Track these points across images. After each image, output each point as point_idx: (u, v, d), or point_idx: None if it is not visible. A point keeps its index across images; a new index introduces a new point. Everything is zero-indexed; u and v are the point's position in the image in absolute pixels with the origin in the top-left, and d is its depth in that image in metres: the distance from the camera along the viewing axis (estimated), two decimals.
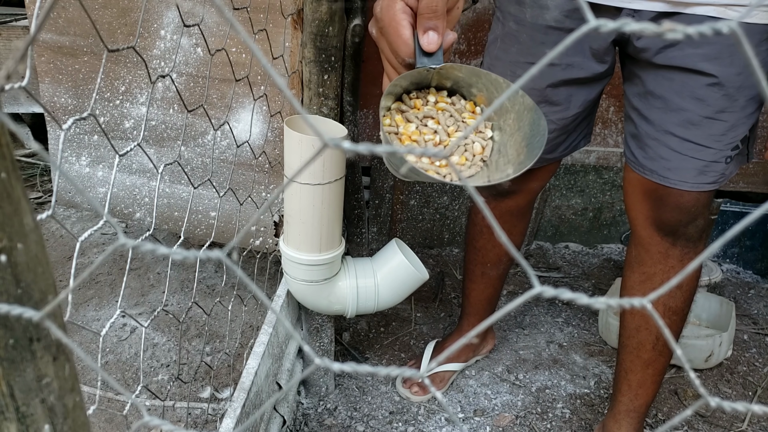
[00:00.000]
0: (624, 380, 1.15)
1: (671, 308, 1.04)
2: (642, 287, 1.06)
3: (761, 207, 0.23)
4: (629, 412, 1.15)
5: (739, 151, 0.94)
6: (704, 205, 0.97)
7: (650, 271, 1.04)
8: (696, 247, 1.00)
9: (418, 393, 1.37)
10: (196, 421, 1.25)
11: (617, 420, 1.17)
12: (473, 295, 1.40)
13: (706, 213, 0.98)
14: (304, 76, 1.16)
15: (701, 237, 1.00)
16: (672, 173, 0.95)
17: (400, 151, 0.24)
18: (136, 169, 1.37)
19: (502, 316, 0.29)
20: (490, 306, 1.42)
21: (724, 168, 0.94)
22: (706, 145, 0.92)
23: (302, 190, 1.07)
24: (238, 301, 1.55)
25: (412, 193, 2.00)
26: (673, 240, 1.00)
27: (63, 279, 1.71)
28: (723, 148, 0.92)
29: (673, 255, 1.01)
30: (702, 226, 0.98)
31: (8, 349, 0.32)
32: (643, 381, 1.12)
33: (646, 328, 1.07)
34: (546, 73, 1.01)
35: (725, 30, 0.20)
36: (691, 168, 0.94)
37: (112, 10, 1.26)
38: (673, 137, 0.94)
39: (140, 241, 0.29)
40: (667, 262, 1.01)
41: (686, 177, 0.94)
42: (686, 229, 0.98)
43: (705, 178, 0.94)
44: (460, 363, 1.45)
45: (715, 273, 1.78)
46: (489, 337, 1.51)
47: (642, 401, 1.14)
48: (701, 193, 0.95)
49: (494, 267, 1.34)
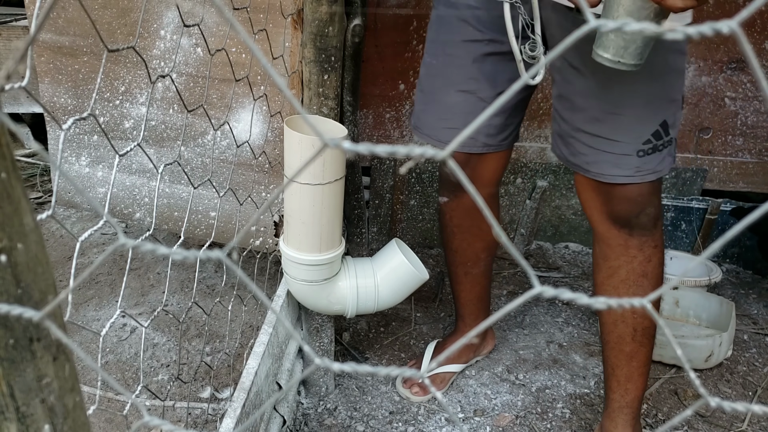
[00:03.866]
0: (612, 377, 1.17)
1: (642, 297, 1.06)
2: (610, 281, 1.08)
3: (761, 207, 0.23)
4: (622, 408, 1.17)
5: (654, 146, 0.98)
6: (650, 195, 1.01)
7: (615, 264, 1.07)
8: (653, 234, 1.04)
9: (419, 393, 1.38)
10: (196, 421, 1.25)
11: (612, 418, 1.19)
12: (462, 296, 1.41)
13: (655, 202, 1.02)
14: (304, 76, 1.16)
15: (656, 224, 1.04)
16: (591, 167, 1.01)
17: (400, 152, 0.24)
18: (136, 169, 1.37)
19: (502, 316, 0.29)
20: (482, 304, 1.43)
21: (640, 161, 0.98)
22: (613, 138, 0.97)
23: (302, 190, 1.07)
24: (238, 301, 1.55)
25: (412, 193, 2.00)
26: (629, 230, 1.03)
27: (63, 279, 1.71)
28: (631, 142, 0.97)
29: (632, 245, 1.04)
30: (653, 215, 1.03)
31: (8, 349, 0.32)
32: (630, 375, 1.14)
33: (623, 321, 1.10)
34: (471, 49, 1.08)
35: (725, 30, 0.20)
36: (604, 161, 0.99)
37: (112, 10, 1.26)
38: (584, 134, 1.00)
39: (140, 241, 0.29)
40: (628, 252, 1.05)
41: (603, 170, 0.99)
42: (638, 219, 1.02)
43: (621, 171, 0.98)
44: (460, 364, 1.45)
45: (715, 273, 1.78)
46: (489, 338, 1.51)
47: (633, 395, 1.16)
48: (642, 185, 0.99)
49: (474, 265, 1.35)
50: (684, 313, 1.69)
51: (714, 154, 2.02)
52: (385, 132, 1.94)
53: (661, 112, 0.96)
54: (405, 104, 1.90)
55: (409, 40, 1.82)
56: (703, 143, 2.01)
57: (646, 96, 0.95)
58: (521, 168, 1.99)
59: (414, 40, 1.81)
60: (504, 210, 2.04)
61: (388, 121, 1.92)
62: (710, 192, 2.06)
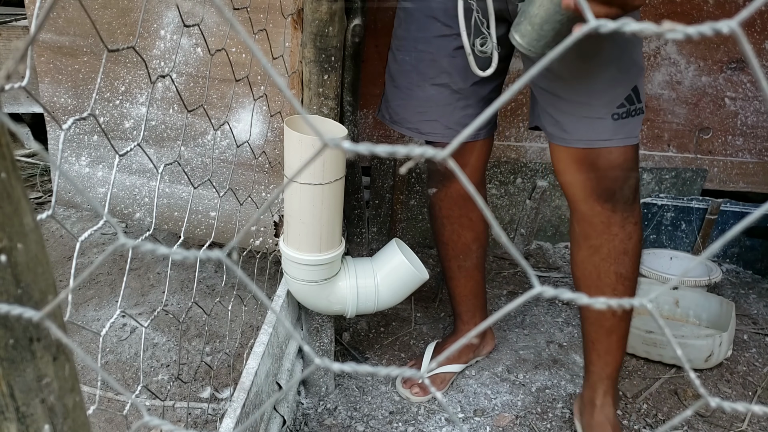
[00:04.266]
0: (592, 350, 1.21)
1: (622, 275, 1.10)
2: (591, 260, 1.11)
3: (761, 207, 0.23)
4: (602, 379, 1.21)
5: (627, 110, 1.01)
6: (632, 161, 1.04)
7: (596, 243, 1.09)
8: (632, 209, 1.07)
9: (419, 394, 1.38)
10: (196, 421, 1.25)
11: (594, 389, 1.23)
12: (457, 292, 1.43)
13: (635, 172, 1.05)
14: (304, 76, 1.16)
15: (635, 198, 1.06)
16: (570, 134, 1.03)
17: (400, 152, 0.24)
18: (136, 169, 1.37)
19: (502, 316, 0.29)
20: (478, 301, 1.44)
21: (615, 125, 1.01)
22: (589, 102, 1.01)
23: (302, 190, 1.07)
24: (238, 301, 1.55)
25: (412, 193, 2.00)
26: (613, 206, 1.05)
27: (63, 279, 1.71)
28: (606, 105, 1.00)
29: (614, 222, 1.07)
30: (634, 186, 1.06)
31: (8, 349, 0.32)
32: (609, 348, 1.18)
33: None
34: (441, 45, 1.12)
35: (725, 30, 0.20)
36: (582, 126, 1.02)
37: (112, 10, 1.26)
38: (562, 100, 1.03)
39: (140, 241, 0.29)
40: (610, 230, 1.07)
41: (582, 135, 1.02)
42: (623, 191, 1.05)
43: (598, 134, 1.01)
44: (460, 364, 1.45)
45: (715, 273, 1.78)
46: (488, 338, 1.52)
47: (612, 367, 1.20)
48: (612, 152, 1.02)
49: (466, 257, 1.37)
50: (684, 313, 1.69)
51: (714, 154, 2.02)
52: (385, 132, 1.94)
53: (632, 77, 1.00)
54: None
55: None
56: (703, 143, 2.01)
57: (618, 62, 0.99)
58: (521, 168, 1.99)
59: None
60: (504, 210, 2.04)
61: None
62: (710, 192, 2.06)
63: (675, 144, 2.01)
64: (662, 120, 1.97)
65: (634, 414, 1.37)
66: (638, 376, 1.49)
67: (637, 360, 1.54)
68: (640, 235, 1.09)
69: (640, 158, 2.00)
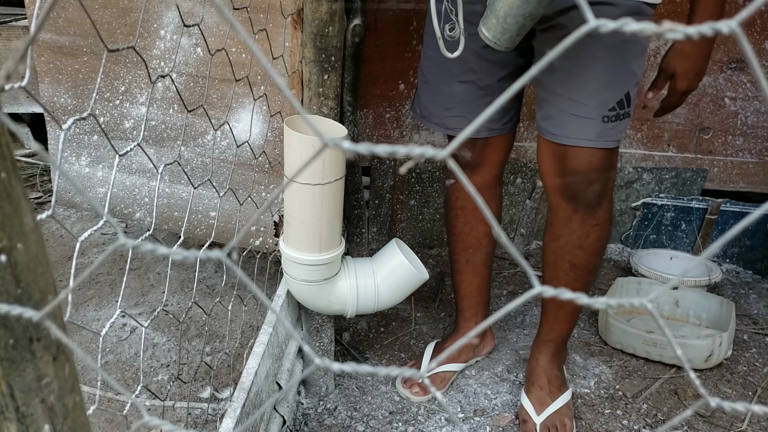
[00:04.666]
0: (544, 315, 1.33)
1: (575, 264, 1.21)
2: (552, 245, 1.22)
3: (761, 207, 0.23)
4: (547, 341, 1.33)
5: (617, 114, 1.06)
6: (598, 169, 1.09)
7: (557, 232, 1.20)
8: (595, 213, 1.14)
9: (419, 393, 1.39)
10: (196, 421, 1.25)
11: (539, 348, 1.35)
12: (462, 287, 1.45)
13: (602, 179, 1.11)
14: (304, 76, 1.16)
15: (600, 203, 1.13)
16: (558, 129, 1.09)
17: (400, 152, 0.24)
18: (136, 169, 1.37)
19: (502, 316, 0.29)
20: (482, 299, 1.46)
21: (603, 127, 1.06)
22: (582, 101, 1.05)
23: (302, 190, 1.07)
24: (238, 301, 1.55)
25: (412, 193, 2.00)
26: (575, 206, 1.14)
27: (63, 279, 1.71)
28: (598, 106, 1.05)
29: (574, 220, 1.15)
30: (599, 192, 1.12)
31: (8, 349, 0.32)
32: (557, 318, 1.30)
33: (556, 279, 1.24)
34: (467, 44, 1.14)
35: (725, 30, 0.20)
36: (571, 123, 1.07)
37: (112, 10, 1.26)
38: (557, 95, 1.08)
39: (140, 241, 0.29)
40: (570, 226, 1.16)
41: (568, 132, 1.07)
42: (585, 194, 1.12)
43: (584, 134, 1.06)
44: (460, 363, 1.46)
45: (715, 273, 1.78)
46: (488, 338, 1.52)
47: (557, 334, 1.32)
48: (593, 155, 1.08)
49: (476, 252, 1.41)
50: (684, 313, 1.69)
51: (714, 154, 2.02)
52: (385, 132, 1.94)
53: (625, 83, 1.05)
54: (405, 104, 1.90)
55: (410, 39, 1.82)
56: (703, 143, 2.01)
57: (613, 64, 1.03)
58: (521, 168, 1.99)
59: (414, 40, 1.81)
60: (504, 210, 2.03)
61: (388, 121, 1.92)
62: (710, 192, 2.06)
63: (675, 144, 2.01)
64: (662, 120, 1.97)
65: (634, 414, 1.37)
66: (638, 376, 1.49)
67: (637, 360, 1.54)
68: (600, 235, 1.17)
69: (640, 157, 2.01)
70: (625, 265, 2.02)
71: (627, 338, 1.54)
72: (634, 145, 2.00)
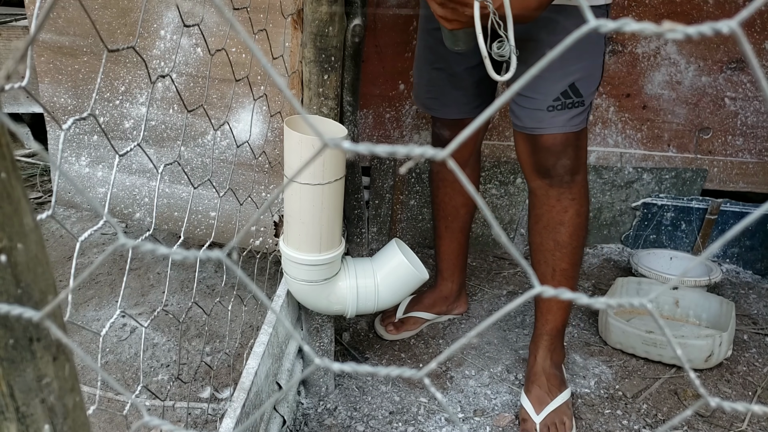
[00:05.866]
0: (536, 309, 1.38)
1: (559, 242, 1.26)
2: (536, 227, 1.28)
3: (761, 207, 0.23)
4: (542, 335, 1.37)
5: (563, 104, 1.14)
6: (563, 146, 1.17)
7: (539, 212, 1.26)
8: (570, 188, 1.22)
9: (392, 332, 1.58)
10: (196, 421, 1.25)
11: (536, 342, 1.39)
12: (442, 250, 1.61)
13: (570, 154, 1.19)
14: (304, 76, 1.16)
15: (573, 178, 1.21)
16: (520, 120, 1.19)
17: (400, 152, 0.24)
18: (136, 169, 1.37)
19: (502, 316, 0.29)
20: (459, 261, 1.62)
21: (549, 115, 1.15)
22: (529, 95, 1.15)
23: (302, 190, 1.07)
24: (238, 301, 1.55)
25: (412, 193, 2.00)
26: (550, 181, 1.22)
27: (63, 279, 1.71)
28: (543, 98, 1.14)
29: (551, 195, 1.23)
30: (569, 167, 1.20)
31: (8, 349, 0.32)
32: (548, 309, 1.34)
33: (544, 261, 1.29)
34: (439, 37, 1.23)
35: (725, 30, 0.20)
36: (526, 115, 1.18)
37: (112, 10, 1.26)
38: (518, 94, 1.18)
39: (140, 241, 0.29)
40: (548, 202, 1.24)
41: (526, 122, 1.18)
42: (555, 169, 1.20)
43: (536, 123, 1.17)
44: (432, 314, 1.64)
45: (715, 273, 1.78)
46: (462, 299, 1.68)
47: (551, 326, 1.35)
48: (551, 138, 1.17)
49: (454, 219, 1.56)
50: (684, 313, 1.69)
51: (714, 154, 2.02)
52: (385, 132, 1.94)
53: (571, 75, 1.13)
54: (405, 104, 1.90)
55: (409, 40, 1.82)
56: (703, 143, 2.01)
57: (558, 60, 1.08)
58: (521, 168, 1.99)
59: (414, 40, 1.81)
60: (504, 210, 2.04)
61: (388, 121, 1.92)
62: (710, 192, 2.06)
63: (675, 144, 2.01)
64: (662, 120, 1.97)
65: (634, 414, 1.37)
66: (638, 376, 1.49)
67: (637, 360, 1.54)
68: (578, 209, 1.24)
69: (640, 158, 2.01)
70: (625, 265, 2.02)
71: (627, 338, 1.54)
72: (634, 145, 2.00)
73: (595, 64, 1.16)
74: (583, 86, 1.15)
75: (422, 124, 1.93)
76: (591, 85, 1.16)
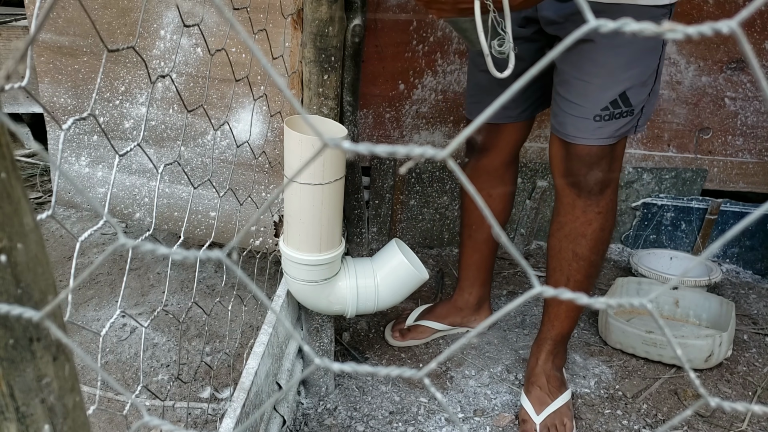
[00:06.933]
0: (545, 312, 1.36)
1: (578, 254, 1.24)
2: (557, 234, 1.26)
3: (761, 207, 0.23)
4: (546, 339, 1.35)
5: (611, 113, 1.10)
6: (598, 157, 1.14)
7: (563, 220, 1.23)
8: (598, 201, 1.19)
9: (398, 338, 1.55)
10: (196, 421, 1.25)
11: (539, 345, 1.38)
12: (463, 259, 1.56)
13: (603, 167, 1.16)
14: (304, 76, 1.16)
15: (602, 191, 1.18)
16: (561, 126, 1.16)
17: (400, 152, 0.24)
18: (135, 169, 1.37)
19: (502, 316, 0.29)
20: (480, 274, 1.56)
21: (596, 125, 1.11)
22: (576, 102, 1.12)
23: (302, 190, 1.07)
24: (238, 301, 1.55)
25: (412, 193, 2.00)
26: (578, 191, 1.19)
27: (63, 279, 1.71)
28: (590, 106, 1.10)
29: (578, 206, 1.20)
30: (600, 179, 1.17)
31: (8, 349, 0.32)
32: (557, 315, 1.32)
33: (560, 269, 1.27)
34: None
35: (725, 30, 0.20)
36: (569, 123, 1.14)
37: (112, 10, 1.26)
38: (559, 96, 1.16)
39: (140, 241, 0.29)
40: (573, 212, 1.21)
41: (568, 130, 1.15)
42: (586, 180, 1.17)
43: (579, 132, 1.13)
44: (444, 324, 1.58)
45: (715, 273, 1.78)
46: (482, 314, 1.61)
47: (557, 332, 1.34)
48: (590, 150, 1.14)
49: (478, 229, 1.50)
50: (684, 313, 1.69)
51: (714, 154, 2.02)
52: (385, 132, 1.94)
53: (622, 83, 1.09)
54: (405, 104, 1.90)
55: (409, 40, 1.82)
56: (703, 143, 2.01)
57: (610, 68, 1.07)
58: (521, 168, 1.99)
59: (414, 40, 1.81)
60: None
61: (388, 121, 1.92)
62: (710, 192, 2.06)
63: (675, 144, 2.01)
64: (662, 120, 1.97)
65: (634, 414, 1.37)
66: (638, 376, 1.49)
67: (637, 360, 1.54)
68: (603, 224, 1.21)
69: (640, 157, 2.01)
70: (625, 265, 2.02)
71: (627, 338, 1.54)
72: (634, 145, 2.00)
73: (649, 71, 1.10)
74: (634, 95, 1.10)
75: (422, 124, 1.93)
76: (642, 93, 1.11)
